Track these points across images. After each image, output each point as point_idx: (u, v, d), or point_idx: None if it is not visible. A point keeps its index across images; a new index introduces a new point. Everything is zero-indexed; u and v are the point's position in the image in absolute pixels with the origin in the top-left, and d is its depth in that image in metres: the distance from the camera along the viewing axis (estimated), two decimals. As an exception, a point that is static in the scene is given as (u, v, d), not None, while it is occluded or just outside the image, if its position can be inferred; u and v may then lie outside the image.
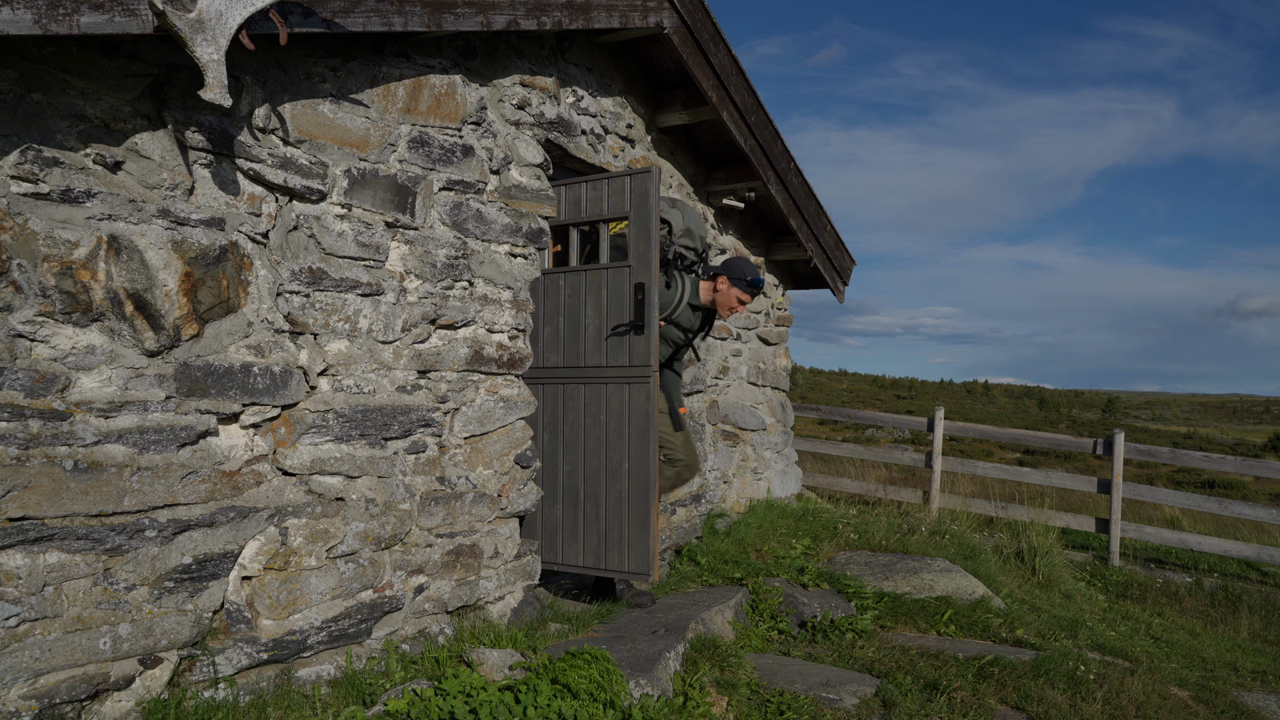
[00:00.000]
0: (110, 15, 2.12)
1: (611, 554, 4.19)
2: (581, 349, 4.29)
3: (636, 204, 4.13)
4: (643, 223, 4.10)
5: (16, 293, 2.19)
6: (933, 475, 8.10)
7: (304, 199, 2.93)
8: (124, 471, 2.37)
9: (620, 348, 4.18)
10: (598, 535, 4.23)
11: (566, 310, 4.34)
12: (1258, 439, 59.28)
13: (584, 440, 4.28)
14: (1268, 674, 4.68)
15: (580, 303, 4.29)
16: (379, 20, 2.85)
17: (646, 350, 4.09)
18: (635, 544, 4.13)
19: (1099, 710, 3.46)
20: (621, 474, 4.16)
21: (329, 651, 2.97)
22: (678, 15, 4.44)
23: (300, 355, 2.90)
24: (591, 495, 4.25)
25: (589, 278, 4.25)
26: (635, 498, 4.13)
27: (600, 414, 4.22)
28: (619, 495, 4.17)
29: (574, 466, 4.30)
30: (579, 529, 4.31)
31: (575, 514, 4.31)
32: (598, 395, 4.24)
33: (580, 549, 4.30)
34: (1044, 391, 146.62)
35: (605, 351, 4.23)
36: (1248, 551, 6.91)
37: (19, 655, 2.18)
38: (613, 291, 4.19)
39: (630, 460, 4.15)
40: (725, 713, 3.24)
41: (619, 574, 4.19)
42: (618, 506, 4.18)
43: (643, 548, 4.10)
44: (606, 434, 4.20)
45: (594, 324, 4.25)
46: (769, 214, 6.19)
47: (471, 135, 3.61)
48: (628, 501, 4.15)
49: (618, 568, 4.18)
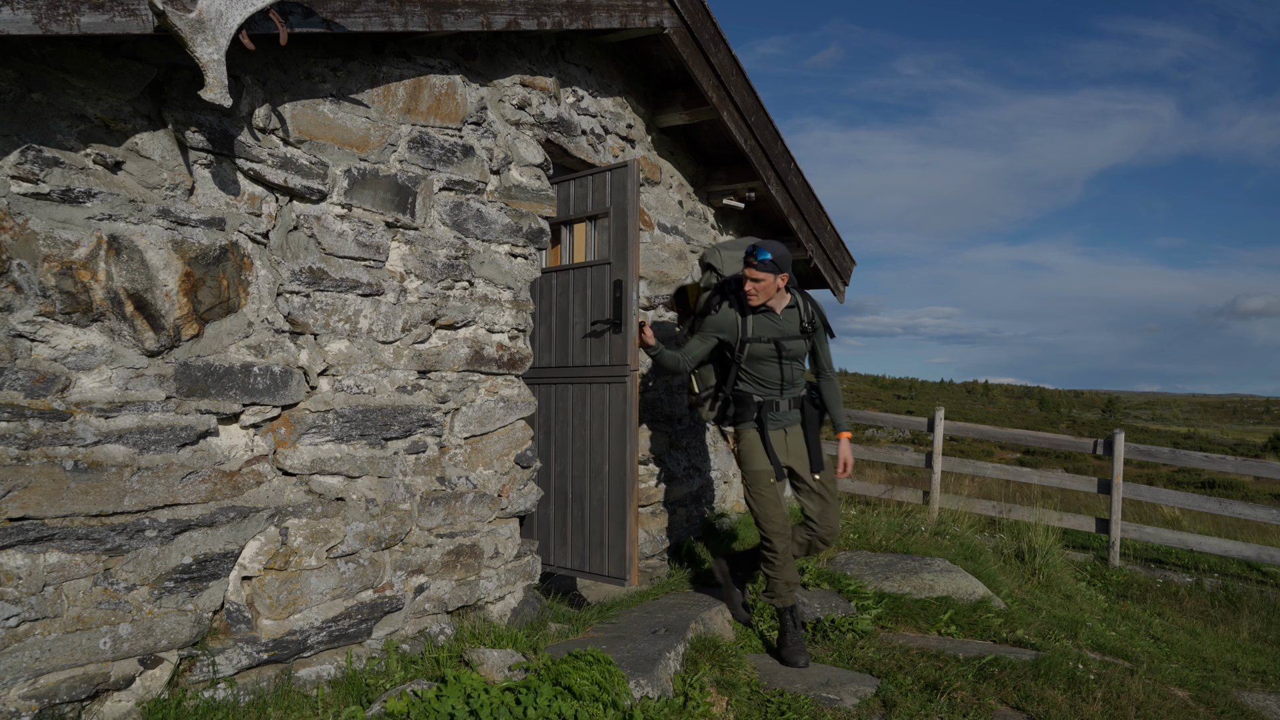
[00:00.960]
0: (110, 15, 2.12)
1: (594, 557, 4.18)
2: (570, 348, 4.31)
3: (615, 199, 4.11)
4: (620, 218, 4.08)
5: (17, 293, 2.19)
6: (933, 475, 8.09)
7: (304, 199, 2.93)
8: (124, 471, 2.37)
9: (601, 347, 4.17)
10: (583, 537, 4.23)
11: (558, 310, 4.35)
12: (1258, 439, 59.31)
13: (572, 441, 4.29)
14: (1268, 674, 4.68)
15: (569, 302, 4.31)
16: (379, 20, 2.85)
17: (624, 349, 4.07)
18: (614, 547, 4.09)
19: (1099, 710, 3.46)
20: (603, 475, 4.15)
21: (329, 651, 2.97)
22: (678, 15, 4.44)
23: (300, 355, 2.90)
24: (578, 497, 4.26)
25: (575, 276, 4.25)
26: (614, 500, 4.10)
27: (585, 414, 4.23)
28: (600, 497, 4.16)
29: (564, 467, 4.31)
30: (567, 530, 4.31)
31: (565, 515, 4.31)
32: (583, 395, 4.25)
33: (568, 551, 4.29)
34: (1044, 391, 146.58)
35: (589, 351, 4.23)
36: (1248, 551, 6.91)
37: (19, 655, 2.18)
38: (595, 290, 4.19)
39: (610, 461, 4.12)
40: (725, 713, 3.24)
41: (599, 577, 4.17)
42: (599, 508, 4.16)
43: (620, 551, 4.05)
44: (590, 434, 4.21)
45: (580, 323, 4.25)
46: (769, 214, 6.18)
47: (472, 135, 3.61)
48: (607, 503, 4.13)
49: (598, 571, 4.16)
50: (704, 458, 5.81)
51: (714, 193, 5.81)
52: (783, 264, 3.76)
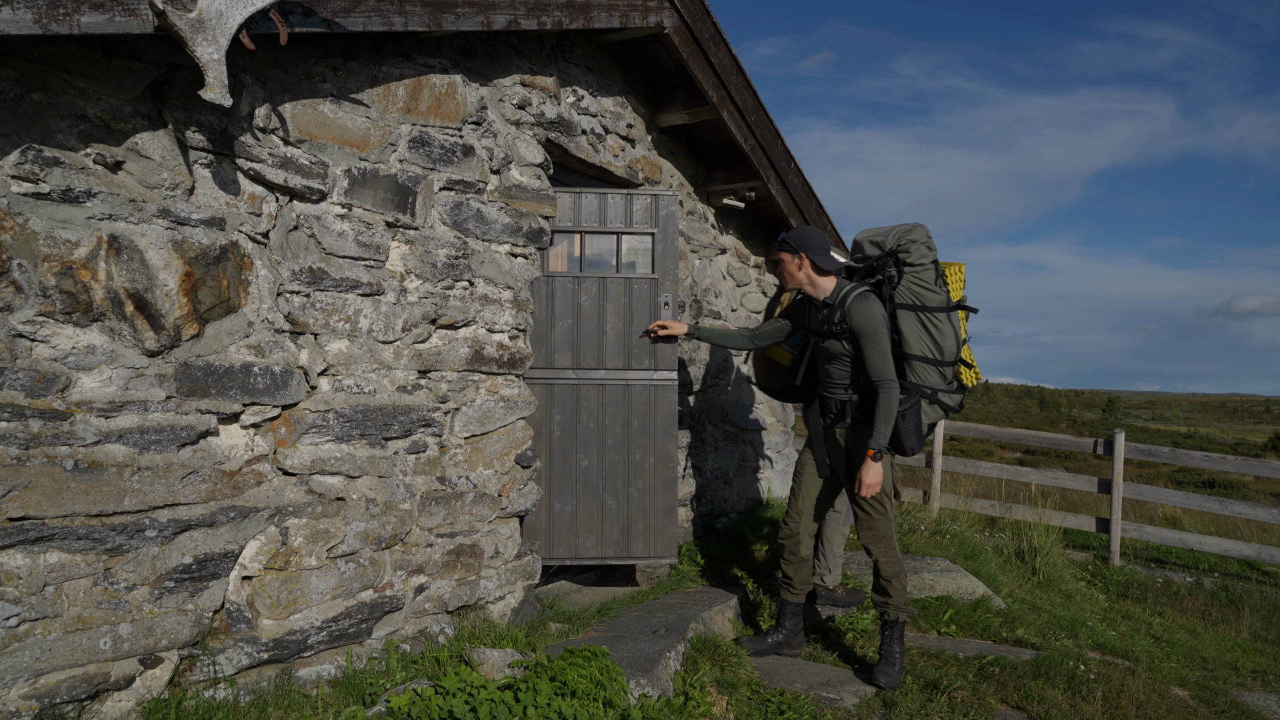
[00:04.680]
0: (110, 15, 2.12)
1: (634, 543, 4.46)
2: (603, 351, 4.43)
3: (664, 224, 4.48)
4: (666, 240, 4.47)
5: (17, 293, 2.19)
6: (933, 475, 8.09)
7: (304, 199, 2.93)
8: (124, 471, 2.37)
9: (643, 352, 4.48)
10: (619, 526, 4.46)
11: (584, 312, 4.42)
12: (1258, 438, 59.27)
13: (607, 438, 4.48)
14: (1268, 673, 4.68)
15: (599, 307, 4.43)
16: (379, 20, 2.85)
17: (672, 356, 4.48)
18: (660, 531, 4.49)
19: (1099, 710, 3.46)
20: (645, 469, 4.48)
21: (329, 651, 2.97)
22: (678, 15, 4.43)
23: (300, 355, 2.90)
24: (612, 490, 4.46)
25: (611, 284, 4.42)
26: (659, 490, 4.51)
27: (621, 413, 4.48)
28: (644, 487, 4.50)
29: (592, 463, 4.48)
30: (599, 522, 4.52)
31: (596, 508, 4.47)
32: (618, 395, 4.45)
33: (600, 541, 4.49)
34: (1044, 391, 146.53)
35: (628, 355, 4.45)
36: (1248, 551, 6.90)
37: (19, 655, 2.18)
38: (636, 299, 4.45)
39: (655, 454, 4.50)
40: (725, 712, 3.24)
41: (645, 559, 4.46)
42: (642, 498, 4.48)
43: (667, 534, 4.49)
44: (629, 433, 4.47)
45: (614, 328, 4.43)
46: (769, 214, 6.18)
47: (472, 135, 3.61)
48: (650, 493, 4.50)
49: (643, 554, 4.47)
50: (704, 457, 5.81)
51: (714, 192, 5.81)
52: (797, 242, 3.62)
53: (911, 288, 3.62)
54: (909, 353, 3.64)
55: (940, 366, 3.68)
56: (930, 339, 3.64)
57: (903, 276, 3.62)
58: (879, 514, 3.66)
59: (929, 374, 3.67)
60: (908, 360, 3.65)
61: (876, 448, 3.50)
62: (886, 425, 3.49)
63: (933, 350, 3.65)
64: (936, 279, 3.65)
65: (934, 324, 3.63)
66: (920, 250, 3.61)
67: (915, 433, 3.58)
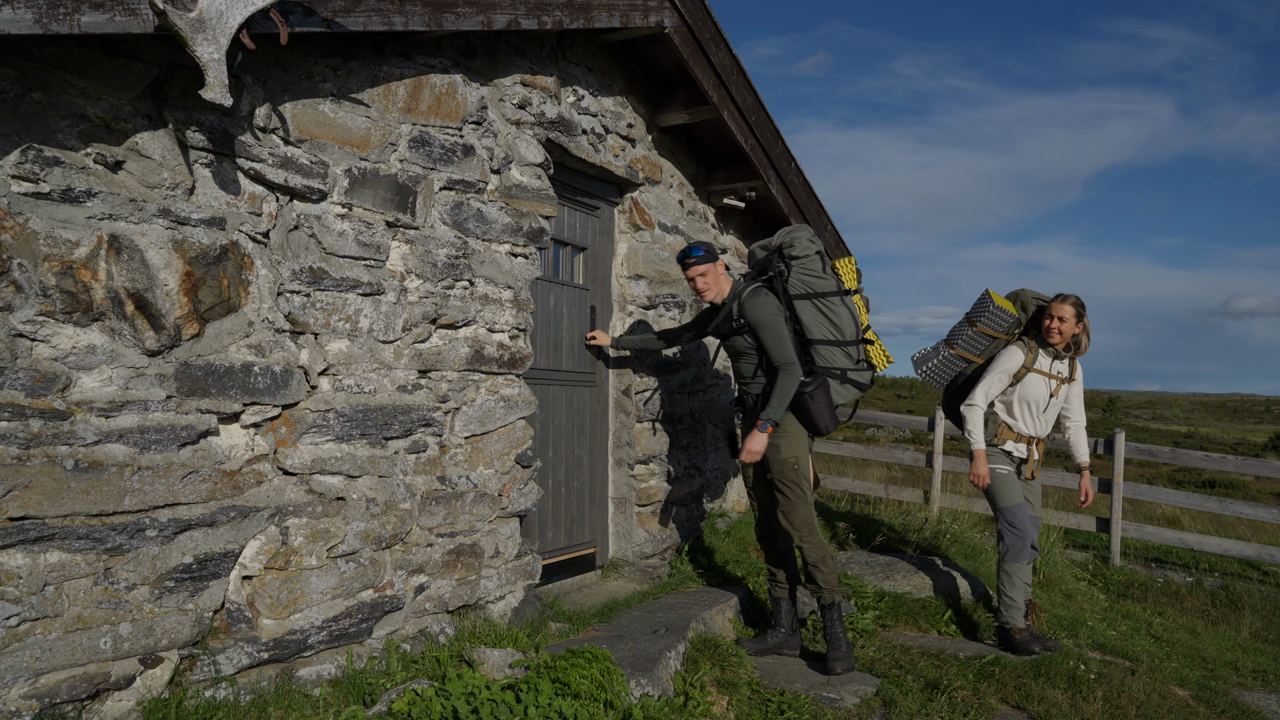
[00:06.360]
0: (111, 15, 2.12)
1: (576, 531, 4.64)
2: (562, 354, 4.60)
3: (596, 240, 4.69)
4: (599, 256, 4.66)
5: (17, 292, 2.19)
6: (933, 475, 8.09)
7: (305, 198, 2.93)
8: (124, 471, 2.37)
9: (584, 354, 4.68)
10: (570, 517, 4.61)
11: (554, 316, 4.58)
12: (1258, 438, 59.25)
13: (562, 436, 4.63)
14: (1268, 673, 4.67)
15: (561, 313, 4.60)
16: (379, 20, 2.85)
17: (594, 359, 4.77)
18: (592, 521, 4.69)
19: (1099, 710, 3.46)
20: (583, 465, 4.66)
21: (330, 651, 2.97)
22: (678, 15, 4.43)
23: (301, 355, 2.90)
24: (567, 483, 4.60)
25: (568, 292, 4.58)
26: (593, 483, 4.69)
27: (568, 412, 4.64)
28: (582, 483, 4.68)
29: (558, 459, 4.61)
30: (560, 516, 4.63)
31: (558, 503, 4.59)
32: (569, 396, 4.63)
33: (560, 533, 4.61)
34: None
35: (579, 358, 4.67)
36: (1248, 551, 6.90)
37: (19, 655, 2.18)
38: (578, 307, 4.64)
39: (590, 451, 4.70)
40: (726, 712, 3.24)
41: (581, 547, 4.65)
42: (580, 492, 4.65)
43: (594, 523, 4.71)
44: (573, 429, 4.65)
45: (569, 332, 4.61)
46: (769, 213, 6.18)
47: (472, 135, 3.61)
48: (587, 487, 4.69)
49: (580, 541, 4.65)
50: (704, 456, 5.81)
51: (714, 192, 5.81)
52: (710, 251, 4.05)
53: (801, 278, 3.96)
54: (811, 338, 3.96)
55: (844, 347, 4.00)
56: (828, 321, 3.97)
57: (790, 269, 3.95)
58: (797, 498, 3.85)
59: (835, 355, 3.99)
60: (813, 345, 3.97)
61: (765, 418, 3.80)
62: (780, 401, 3.79)
63: (832, 332, 3.97)
64: (824, 268, 4.00)
65: (829, 308, 3.96)
66: (804, 244, 3.97)
67: (828, 412, 3.88)
